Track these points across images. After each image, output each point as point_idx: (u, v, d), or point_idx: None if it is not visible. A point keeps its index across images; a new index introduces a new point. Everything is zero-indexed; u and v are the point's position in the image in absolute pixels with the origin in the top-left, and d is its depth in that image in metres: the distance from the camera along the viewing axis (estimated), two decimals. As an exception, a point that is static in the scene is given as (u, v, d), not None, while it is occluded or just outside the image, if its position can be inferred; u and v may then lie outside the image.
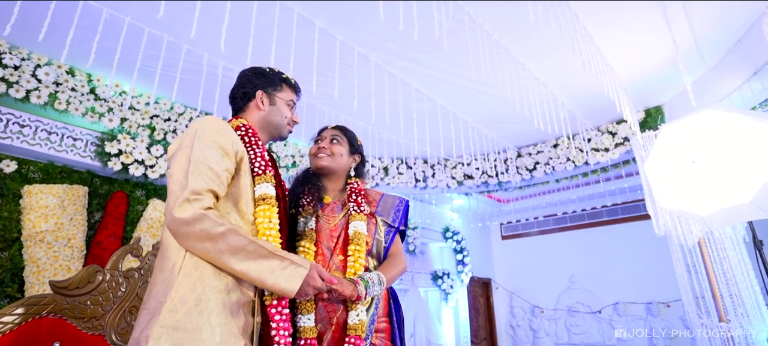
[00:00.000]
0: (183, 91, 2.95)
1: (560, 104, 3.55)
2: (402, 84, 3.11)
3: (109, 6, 2.31)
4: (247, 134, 1.42)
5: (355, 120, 3.60)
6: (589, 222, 7.50)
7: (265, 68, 1.61)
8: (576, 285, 7.47)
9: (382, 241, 1.62)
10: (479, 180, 4.72)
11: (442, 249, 6.91)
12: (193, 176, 1.16)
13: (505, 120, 3.93)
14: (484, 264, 7.96)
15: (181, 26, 2.37)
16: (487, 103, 3.59)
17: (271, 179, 1.36)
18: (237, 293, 1.19)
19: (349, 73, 2.80)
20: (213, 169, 1.21)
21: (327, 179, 1.74)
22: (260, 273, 1.17)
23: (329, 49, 2.65)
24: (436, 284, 6.35)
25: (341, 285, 1.36)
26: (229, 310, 1.15)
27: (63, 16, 2.25)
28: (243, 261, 1.16)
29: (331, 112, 3.46)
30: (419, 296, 5.98)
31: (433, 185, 4.83)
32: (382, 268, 1.57)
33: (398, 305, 1.67)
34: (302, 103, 3.22)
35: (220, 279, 1.17)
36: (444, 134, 3.73)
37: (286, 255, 1.23)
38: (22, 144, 2.86)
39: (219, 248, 1.14)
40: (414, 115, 3.25)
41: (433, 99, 3.41)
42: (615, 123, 4.08)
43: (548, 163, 4.43)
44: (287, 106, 1.59)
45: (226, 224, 1.14)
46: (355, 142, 1.79)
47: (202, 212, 1.12)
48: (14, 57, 2.77)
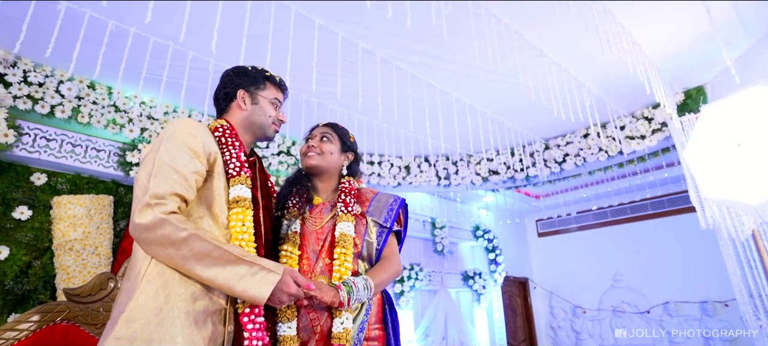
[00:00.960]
0: (191, 97, 3.00)
1: (586, 91, 3.30)
2: (411, 78, 3.00)
3: (116, 18, 2.36)
4: (225, 135, 1.37)
5: (370, 120, 3.52)
6: (633, 216, 7.02)
7: (248, 67, 1.56)
8: (620, 284, 7.01)
9: (374, 243, 1.53)
10: (505, 175, 4.51)
11: (473, 248, 6.69)
12: (155, 180, 1.12)
13: (527, 111, 3.71)
14: (519, 263, 7.65)
15: (177, 32, 2.38)
16: (505, 94, 3.40)
17: (246, 180, 1.31)
18: (205, 302, 1.14)
19: (353, 70, 2.73)
20: (179, 172, 1.16)
21: (318, 179, 1.67)
22: (227, 280, 1.11)
23: (331, 47, 2.58)
24: (467, 284, 6.15)
25: (321, 291, 1.28)
26: (194, 319, 1.10)
27: (73, 31, 2.31)
28: (209, 267, 1.11)
29: (341, 112, 3.40)
30: (450, 298, 5.82)
31: (457, 183, 4.67)
32: (371, 271, 1.47)
33: (394, 311, 1.57)
34: (305, 104, 3.18)
35: (186, 287, 1.12)
36: (463, 129, 3.57)
37: (257, 260, 1.16)
38: (50, 157, 3.00)
39: (182, 254, 1.09)
40: (426, 110, 3.12)
41: (446, 92, 3.27)
42: (650, 108, 3.76)
43: (579, 154, 4.15)
44: (271, 104, 1.54)
45: (189, 229, 1.09)
46: (346, 140, 1.71)
47: (163, 217, 1.07)
48: (38, 74, 2.91)
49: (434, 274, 5.75)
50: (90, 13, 2.29)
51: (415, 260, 5.56)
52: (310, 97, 3.10)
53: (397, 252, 1.59)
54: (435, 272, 5.76)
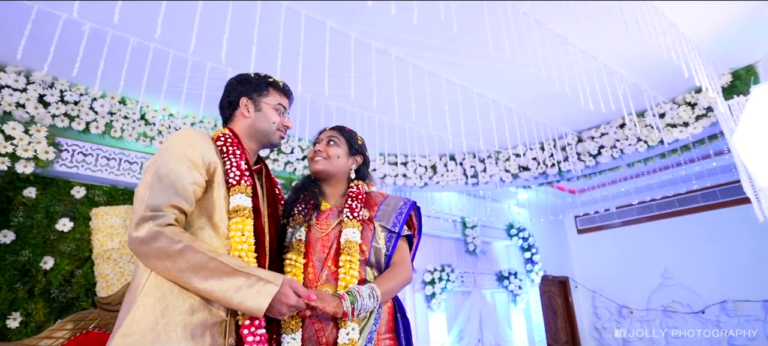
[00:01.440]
0: (212, 107, 3.06)
1: (619, 78, 3.09)
2: (429, 76, 2.92)
3: (138, 35, 2.44)
4: (226, 144, 1.37)
5: (391, 120, 3.47)
6: (682, 209, 6.56)
7: (251, 74, 1.56)
8: (671, 281, 6.57)
9: (382, 249, 1.47)
10: (536, 171, 4.32)
11: (508, 247, 6.49)
12: (152, 192, 1.12)
13: (555, 103, 3.53)
14: (559, 261, 7.34)
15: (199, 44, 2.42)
16: (529, 86, 3.24)
17: (246, 189, 1.29)
18: (203, 314, 1.13)
19: (368, 71, 2.69)
20: (177, 183, 1.16)
21: (326, 184, 1.64)
22: (224, 292, 1.10)
23: (344, 49, 2.55)
24: (502, 285, 5.96)
25: (322, 301, 1.24)
26: (191, 333, 1.09)
27: (97, 49, 2.40)
28: (206, 280, 1.09)
29: (360, 114, 3.37)
30: (484, 299, 5.66)
31: (485, 181, 4.52)
32: (379, 279, 1.42)
33: (406, 319, 1.51)
34: (324, 108, 3.16)
35: (184, 300, 1.11)
36: (488, 125, 3.44)
37: (254, 271, 1.14)
38: (87, 171, 3.16)
39: (179, 267, 1.08)
40: (446, 108, 3.03)
41: (467, 88, 3.17)
42: (693, 92, 3.47)
43: (615, 146, 3.90)
44: (275, 110, 1.52)
45: (185, 241, 1.08)
46: (354, 142, 1.67)
47: (158, 230, 1.07)
48: (74, 93, 3.07)
49: (467, 275, 5.61)
50: (113, 31, 2.38)
51: (446, 260, 5.45)
52: (329, 101, 3.09)
53: (407, 258, 1.53)
54: (467, 273, 5.62)
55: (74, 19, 2.24)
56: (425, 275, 5.05)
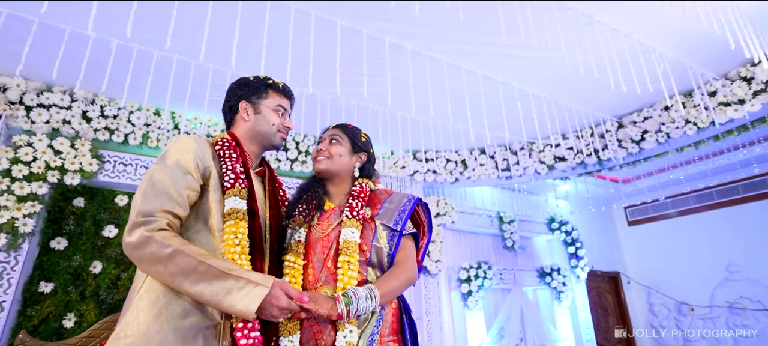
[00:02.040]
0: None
1: (658, 56, 2.84)
2: (448, 68, 2.83)
3: (161, 48, 2.55)
4: (223, 148, 1.38)
5: (414, 116, 3.40)
6: (748, 195, 5.97)
7: (250, 77, 1.57)
8: (737, 276, 6.00)
9: (383, 248, 1.43)
10: (574, 162, 4.08)
11: (550, 242, 6.20)
12: (145, 199, 1.16)
13: (589, 88, 3.31)
14: (608, 255, 6.93)
15: (220, 56, 2.48)
16: (558, 71, 3.06)
17: (240, 192, 1.30)
18: (196, 318, 1.14)
19: (382, 67, 2.65)
20: (170, 189, 1.19)
21: (330, 184, 1.62)
22: (214, 295, 1.11)
23: (357, 48, 2.53)
24: (544, 281, 5.71)
25: (315, 303, 1.22)
26: (182, 336, 1.10)
27: (123, 64, 2.53)
28: (196, 283, 1.11)
29: (383, 112, 3.34)
30: (525, 297, 5.44)
31: (519, 173, 4.34)
32: (379, 279, 1.38)
33: (412, 321, 1.46)
34: (345, 107, 3.16)
35: (178, 303, 1.13)
36: (515, 115, 3.28)
37: (244, 273, 1.14)
38: (128, 180, 3.36)
39: (170, 271, 1.10)
40: (466, 100, 2.93)
41: (491, 78, 3.04)
42: (748, 66, 3.12)
43: (660, 130, 3.60)
44: (274, 112, 1.53)
45: (174, 245, 1.10)
46: (357, 140, 1.64)
47: (148, 235, 1.10)
48: (112, 108, 3.28)
49: (505, 272, 5.42)
50: (138, 46, 2.51)
51: (482, 257, 5.30)
52: (350, 100, 3.09)
53: (412, 257, 1.47)
54: (506, 270, 5.43)
55: (102, 38, 2.39)
56: (461, 272, 4.93)
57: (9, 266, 2.91)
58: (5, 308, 2.86)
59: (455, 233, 5.27)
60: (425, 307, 4.62)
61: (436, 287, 4.75)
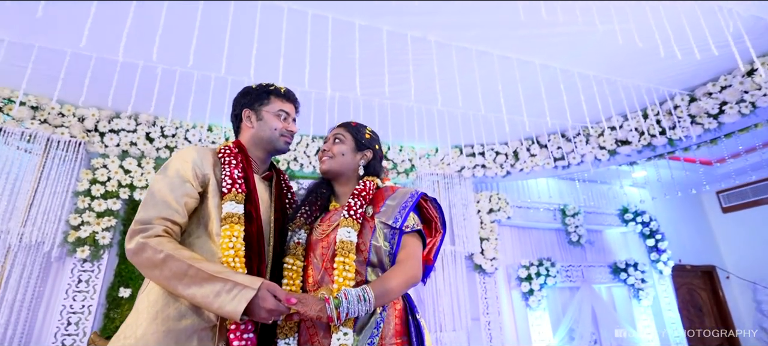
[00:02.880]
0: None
1: (726, 14, 2.44)
2: (479, 56, 2.69)
3: (201, 69, 2.74)
4: (224, 155, 1.43)
5: (451, 110, 3.28)
6: None
7: (253, 85, 1.61)
8: None
9: (382, 246, 1.38)
10: (639, 144, 3.67)
11: (626, 235, 5.65)
12: (144, 207, 1.23)
13: (648, 60, 2.95)
14: (699, 247, 6.15)
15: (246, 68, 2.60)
16: (610, 46, 2.76)
17: (236, 196, 1.33)
18: (191, 320, 1.19)
19: (406, 62, 2.59)
20: (167, 197, 1.26)
21: (337, 183, 1.61)
22: (205, 297, 1.15)
23: (377, 46, 2.51)
24: (618, 278, 5.20)
25: (304, 305, 1.20)
26: (176, 338, 1.15)
27: (168, 84, 2.76)
28: (188, 286, 1.16)
29: (417, 108, 3.27)
30: (596, 295, 5.00)
31: (577, 162, 4.00)
32: (376, 280, 1.33)
33: (418, 323, 1.39)
34: (373, 107, 3.13)
35: (174, 306, 1.19)
36: (557, 100, 3.03)
37: (231, 276, 1.17)
38: (187, 193, 3.65)
39: (165, 275, 1.16)
40: (500, 87, 2.76)
41: (528, 61, 2.84)
42: None
43: (743, 100, 3.10)
44: (276, 117, 1.55)
45: (166, 250, 1.16)
46: (361, 137, 1.61)
47: (143, 242, 1.17)
48: (170, 127, 3.58)
49: (572, 268, 5.03)
50: (180, 69, 2.71)
51: (544, 254, 4.97)
52: (383, 100, 3.06)
53: (414, 255, 1.40)
54: (573, 267, 5.04)
55: (150, 65, 2.62)
56: (520, 270, 4.67)
57: (93, 274, 3.31)
58: (92, 311, 3.25)
59: (513, 229, 5.01)
60: (483, 308, 4.44)
61: (494, 286, 4.54)
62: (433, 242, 1.56)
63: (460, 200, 4.34)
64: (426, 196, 1.52)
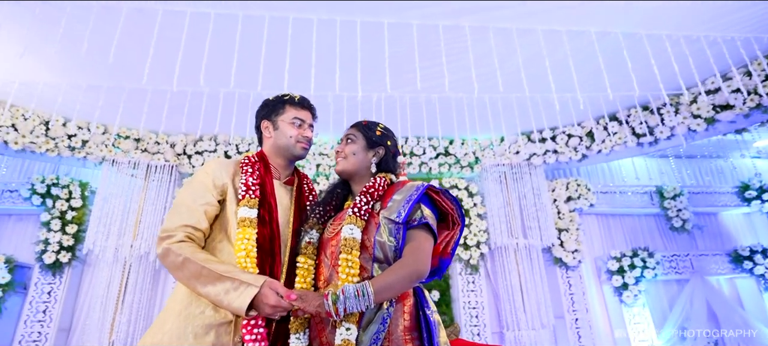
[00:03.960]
0: (339, 130, 3.43)
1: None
2: (522, 34, 2.52)
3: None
4: (244, 165, 1.56)
5: (505, 95, 3.11)
6: None
7: (270, 97, 1.73)
8: None
9: (386, 242, 1.37)
10: (745, 107, 3.07)
11: (749, 216, 4.76)
12: (169, 217, 1.40)
13: (743, 5, 2.47)
14: None
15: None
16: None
17: (249, 201, 1.44)
18: (210, 315, 1.31)
19: (452, 53, 2.53)
20: (189, 206, 1.41)
21: (353, 182, 1.64)
22: (217, 295, 1.26)
23: (407, 41, 2.49)
24: (741, 268, 4.39)
25: (304, 301, 1.25)
26: (194, 333, 1.28)
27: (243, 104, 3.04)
28: (204, 286, 1.29)
29: (463, 99, 3.16)
30: (712, 288, 4.30)
31: (666, 136, 3.49)
32: (378, 275, 1.33)
33: (428, 319, 1.35)
34: (427, 102, 3.10)
35: (196, 304, 1.33)
36: (637, 66, 2.67)
37: (238, 275, 1.27)
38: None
39: (185, 276, 1.31)
40: (546, 61, 2.54)
41: (582, 31, 2.57)
42: None
43: None
44: (291, 125, 1.64)
45: (184, 253, 1.30)
46: (371, 135, 1.62)
47: (167, 247, 1.32)
48: (244, 144, 3.95)
49: (678, 258, 4.38)
50: (253, 92, 2.97)
51: (639, 243, 4.42)
52: (418, 95, 3.03)
53: (418, 249, 1.37)
54: (679, 256, 4.38)
55: (229, 91, 2.91)
56: (610, 262, 4.21)
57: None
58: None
59: (599, 218, 4.54)
60: (567, 304, 4.10)
61: (579, 281, 4.16)
62: (451, 234, 1.51)
63: (530, 190, 4.07)
64: (433, 188, 1.48)
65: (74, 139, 3.54)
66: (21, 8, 2.20)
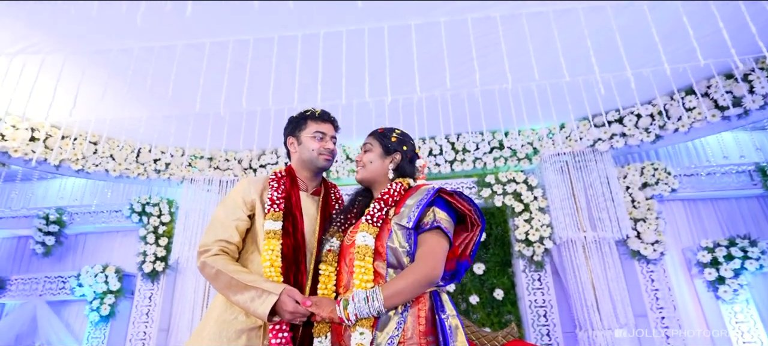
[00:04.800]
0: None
1: None
2: (560, 16, 2.36)
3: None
4: (271, 181, 1.68)
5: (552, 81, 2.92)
6: None
7: (294, 115, 1.83)
8: None
9: (398, 247, 1.39)
10: None
11: None
12: (206, 233, 1.56)
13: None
14: None
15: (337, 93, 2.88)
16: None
17: (273, 215, 1.55)
18: (242, 321, 1.44)
19: (488, 44, 2.45)
20: (222, 222, 1.56)
21: (374, 190, 1.68)
22: (244, 303, 1.39)
23: (437, 42, 2.47)
24: None
25: (318, 307, 1.32)
26: (227, 337, 1.41)
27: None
28: (235, 294, 1.42)
29: (506, 90, 3.02)
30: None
31: (758, 105, 3.00)
32: (389, 281, 1.35)
33: (443, 323, 1.33)
34: (462, 100, 3.03)
35: (230, 311, 1.46)
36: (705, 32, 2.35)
37: (261, 284, 1.38)
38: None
39: (220, 286, 1.45)
40: (586, 44, 2.34)
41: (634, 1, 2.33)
42: None
43: None
44: (312, 139, 1.73)
45: (217, 267, 1.45)
46: (387, 142, 1.64)
47: (204, 260, 1.48)
48: (301, 155, 4.19)
49: (765, 254, 3.74)
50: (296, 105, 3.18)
51: (737, 230, 3.85)
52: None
53: (429, 253, 1.36)
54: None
55: (291, 107, 3.13)
56: (700, 254, 3.73)
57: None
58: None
59: (685, 204, 4.05)
60: (650, 301, 3.73)
61: (663, 275, 3.76)
62: (470, 236, 1.49)
63: (597, 178, 3.76)
64: (444, 190, 1.46)
65: (158, 163, 4.04)
66: (99, 56, 2.58)
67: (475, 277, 4.05)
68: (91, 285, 4.27)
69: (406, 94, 2.99)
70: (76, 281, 4.37)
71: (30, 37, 2.49)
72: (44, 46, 2.56)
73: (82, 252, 4.80)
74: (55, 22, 2.41)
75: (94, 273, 4.30)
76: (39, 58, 2.60)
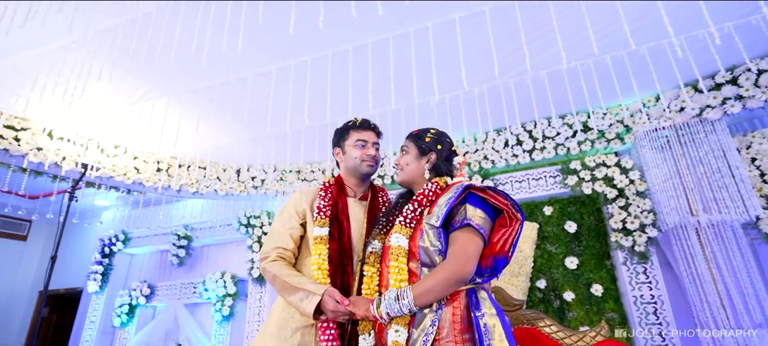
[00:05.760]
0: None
1: None
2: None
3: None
4: (320, 190, 1.81)
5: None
6: None
7: (340, 126, 1.95)
8: None
9: (430, 247, 1.40)
10: None
11: None
12: (266, 242, 1.75)
13: None
14: None
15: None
16: None
17: (320, 221, 1.68)
18: (297, 320, 1.59)
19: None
20: (279, 231, 1.74)
21: (414, 191, 1.71)
22: (296, 303, 1.54)
23: (483, 40, 2.39)
24: None
25: (355, 306, 1.39)
26: (283, 335, 1.56)
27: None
28: (289, 295, 1.58)
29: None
30: None
31: None
32: (420, 280, 1.36)
33: (477, 322, 1.30)
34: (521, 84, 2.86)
35: (286, 310, 1.62)
36: None
37: (307, 286, 1.51)
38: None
39: (278, 288, 1.63)
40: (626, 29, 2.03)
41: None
42: None
43: None
44: (355, 147, 1.84)
45: (273, 271, 1.62)
46: (421, 143, 1.66)
47: (263, 266, 1.67)
48: (377, 160, 4.35)
49: None
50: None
51: None
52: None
53: (461, 251, 1.35)
54: None
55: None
56: None
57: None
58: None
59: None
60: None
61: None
62: (509, 231, 1.45)
63: (710, 152, 3.21)
64: (474, 186, 1.44)
65: (255, 180, 4.55)
66: (190, 94, 3.03)
67: (567, 272, 3.76)
68: (214, 289, 4.98)
69: (478, 85, 2.94)
70: (202, 286, 5.13)
71: (141, 88, 3.04)
72: (153, 93, 3.10)
73: (206, 261, 5.61)
74: (160, 72, 2.90)
75: (215, 279, 5.00)
76: (150, 103, 3.16)
